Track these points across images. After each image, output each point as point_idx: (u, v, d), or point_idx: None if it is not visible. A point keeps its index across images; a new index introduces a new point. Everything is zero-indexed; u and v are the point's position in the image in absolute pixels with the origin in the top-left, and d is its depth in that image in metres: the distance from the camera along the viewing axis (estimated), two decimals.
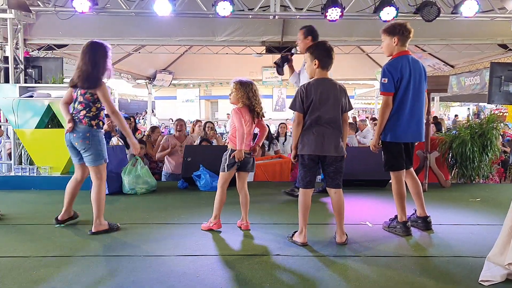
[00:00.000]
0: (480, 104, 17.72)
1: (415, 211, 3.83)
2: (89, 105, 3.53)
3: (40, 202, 4.80)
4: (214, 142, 7.46)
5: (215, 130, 8.33)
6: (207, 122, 8.40)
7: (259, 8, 6.39)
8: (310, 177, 3.33)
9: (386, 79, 3.49)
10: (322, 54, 3.30)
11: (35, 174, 5.64)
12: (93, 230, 3.60)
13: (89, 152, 3.53)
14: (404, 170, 3.68)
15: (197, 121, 9.04)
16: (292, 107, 3.36)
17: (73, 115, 3.56)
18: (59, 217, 3.79)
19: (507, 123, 8.85)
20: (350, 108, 3.39)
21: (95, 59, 3.52)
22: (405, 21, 3.61)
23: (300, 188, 3.38)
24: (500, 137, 6.82)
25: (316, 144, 3.24)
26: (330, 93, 3.26)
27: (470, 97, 14.50)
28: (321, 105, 3.23)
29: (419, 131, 3.62)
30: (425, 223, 3.74)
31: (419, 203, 3.75)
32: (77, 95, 3.56)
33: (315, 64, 3.31)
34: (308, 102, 3.25)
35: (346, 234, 3.42)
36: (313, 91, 3.24)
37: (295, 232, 3.44)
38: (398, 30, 3.53)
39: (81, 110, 3.53)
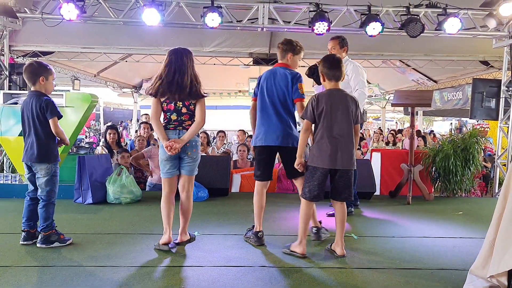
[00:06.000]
0: (462, 119, 18.03)
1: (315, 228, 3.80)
2: (193, 115, 3.47)
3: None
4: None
5: (209, 141, 8.26)
6: (201, 132, 8.33)
7: (247, 20, 6.44)
8: (318, 191, 3.29)
9: None
10: (327, 66, 3.33)
11: (17, 182, 5.53)
12: (178, 241, 3.58)
13: (195, 161, 3.51)
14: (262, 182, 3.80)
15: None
16: (303, 115, 3.37)
17: (174, 126, 3.44)
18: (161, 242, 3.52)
19: (488, 138, 9.02)
20: (361, 120, 3.41)
21: (193, 68, 3.49)
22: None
23: (305, 200, 3.35)
24: (482, 151, 6.96)
25: (329, 156, 3.22)
26: (341, 104, 3.26)
27: (452, 112, 14.75)
28: (332, 115, 3.23)
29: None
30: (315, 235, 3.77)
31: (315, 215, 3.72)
32: (176, 106, 3.43)
33: (322, 78, 3.38)
34: (319, 111, 3.26)
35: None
36: (324, 101, 3.26)
37: (291, 243, 3.43)
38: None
39: (186, 121, 3.45)
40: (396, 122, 30.03)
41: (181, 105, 3.43)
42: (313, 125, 3.35)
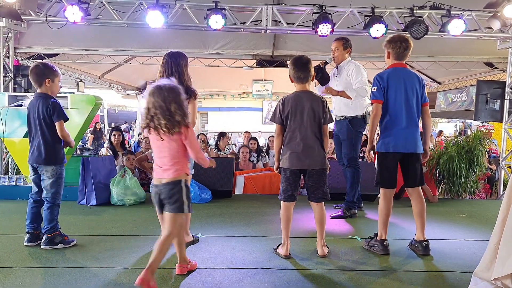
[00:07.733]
0: (467, 120, 17.95)
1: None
2: None
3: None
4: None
5: (208, 143, 8.32)
6: (199, 134, 8.38)
7: (251, 22, 6.45)
8: (291, 191, 3.35)
9: (375, 88, 3.54)
10: (293, 68, 3.35)
11: (21, 184, 5.56)
12: None
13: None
14: (393, 189, 3.57)
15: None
16: (272, 118, 3.42)
17: None
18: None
19: (493, 140, 8.97)
20: (330, 120, 3.39)
21: (186, 70, 3.54)
22: (401, 35, 3.65)
23: (281, 201, 3.39)
24: (486, 153, 6.92)
25: (297, 157, 3.27)
26: (307, 105, 3.27)
27: (457, 114, 14.70)
28: (298, 117, 3.27)
29: (412, 140, 3.51)
30: (421, 247, 3.51)
31: (418, 225, 3.57)
32: None
33: (290, 80, 3.41)
34: (285, 114, 3.30)
35: (327, 247, 3.44)
36: (291, 103, 3.29)
37: (279, 244, 3.46)
38: (389, 44, 3.64)
39: None
40: None
41: None
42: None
